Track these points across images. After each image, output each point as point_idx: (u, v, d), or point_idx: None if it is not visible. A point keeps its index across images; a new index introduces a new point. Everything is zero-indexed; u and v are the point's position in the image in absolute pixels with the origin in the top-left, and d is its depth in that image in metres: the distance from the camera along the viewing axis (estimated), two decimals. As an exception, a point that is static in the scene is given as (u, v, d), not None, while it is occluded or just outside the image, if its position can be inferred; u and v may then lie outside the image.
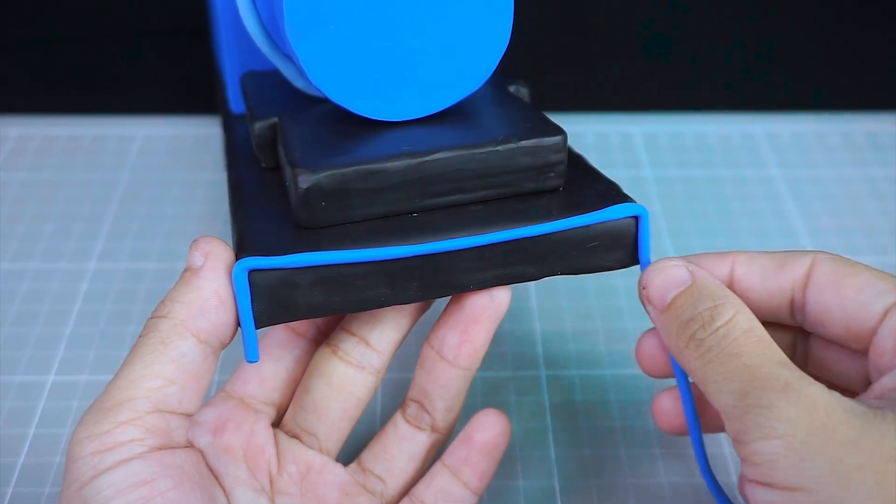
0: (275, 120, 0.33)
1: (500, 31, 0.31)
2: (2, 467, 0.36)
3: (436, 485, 0.33)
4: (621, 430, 0.37)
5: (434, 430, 0.33)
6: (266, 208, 0.31)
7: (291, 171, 0.29)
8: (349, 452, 0.35)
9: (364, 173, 0.29)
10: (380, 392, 0.39)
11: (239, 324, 0.29)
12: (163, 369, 0.27)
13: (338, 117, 0.32)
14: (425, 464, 0.34)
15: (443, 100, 0.32)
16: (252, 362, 0.29)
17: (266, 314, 0.29)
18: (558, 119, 0.32)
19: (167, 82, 0.56)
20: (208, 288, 0.28)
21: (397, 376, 0.39)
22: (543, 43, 0.55)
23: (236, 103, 0.43)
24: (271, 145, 0.33)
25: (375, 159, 0.29)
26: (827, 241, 0.47)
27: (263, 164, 0.34)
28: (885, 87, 0.56)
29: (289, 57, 0.33)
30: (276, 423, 0.34)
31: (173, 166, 0.51)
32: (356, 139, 0.30)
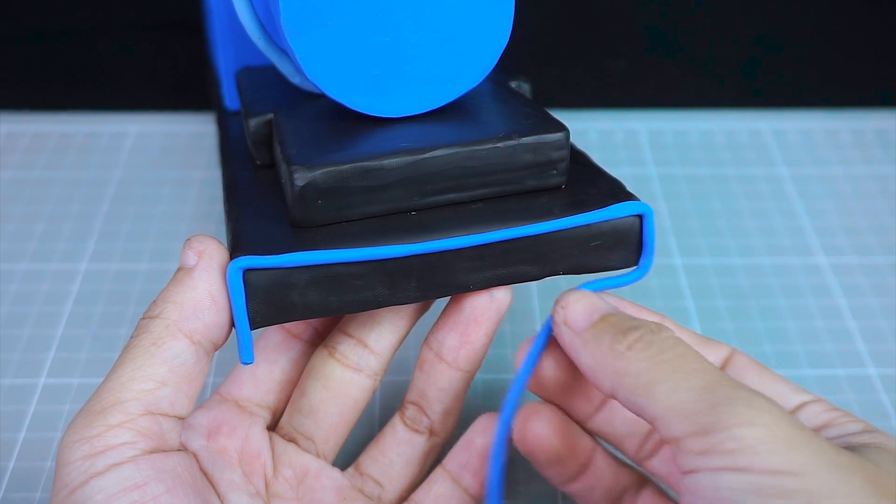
0: (270, 116, 0.33)
1: (500, 25, 0.31)
2: (-9, 472, 0.36)
3: (435, 490, 0.33)
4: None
5: (433, 434, 0.33)
6: (261, 207, 0.31)
7: (287, 168, 0.29)
8: (347, 456, 0.35)
9: (361, 171, 0.29)
10: (378, 395, 0.39)
11: (233, 325, 0.29)
12: (155, 371, 0.27)
13: (335, 114, 0.32)
14: (424, 468, 0.34)
15: (442, 96, 0.32)
16: (247, 364, 0.29)
17: (261, 315, 0.29)
18: (561, 116, 0.32)
19: (160, 78, 0.56)
20: (201, 288, 0.28)
21: (396, 379, 0.39)
22: (546, 37, 0.55)
23: (231, 99, 0.43)
24: (267, 142, 0.33)
25: (373, 156, 0.29)
26: (836, 241, 0.47)
27: (259, 162, 0.34)
28: (896, 83, 0.56)
29: (285, 52, 0.33)
30: (272, 427, 0.34)
31: (166, 164, 0.51)
32: (353, 136, 0.31)
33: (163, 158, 0.51)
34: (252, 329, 0.29)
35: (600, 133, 0.54)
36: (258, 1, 0.33)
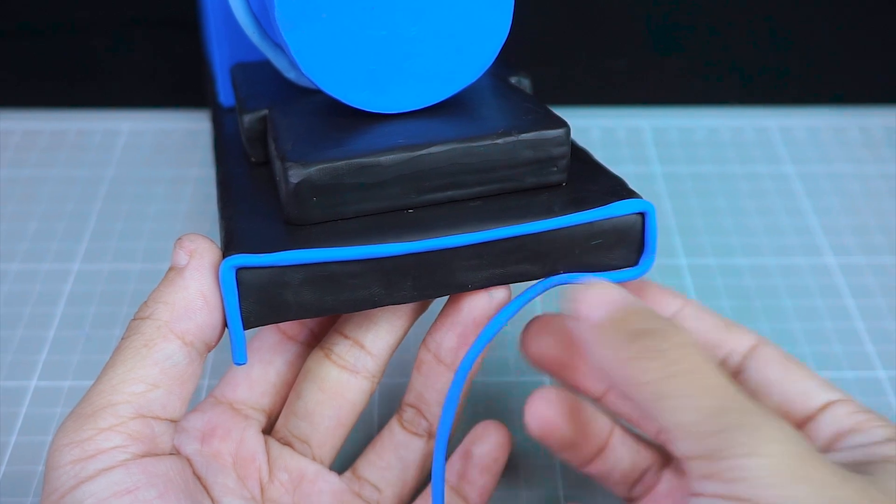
0: (265, 112, 0.33)
1: (500, 18, 0.30)
2: (-20, 476, 0.36)
3: None
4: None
5: (431, 437, 0.33)
6: (255, 204, 0.31)
7: (281, 164, 0.29)
8: (344, 460, 0.35)
9: (357, 167, 0.29)
10: (376, 398, 0.39)
11: (226, 325, 0.28)
12: (146, 373, 0.27)
13: (330, 109, 0.32)
14: (423, 471, 0.34)
15: (440, 91, 0.31)
16: (239, 364, 0.29)
17: (254, 314, 0.28)
18: (562, 112, 0.32)
19: (154, 74, 0.56)
20: (193, 287, 0.28)
21: (395, 381, 0.39)
22: (547, 31, 0.55)
23: (226, 96, 0.43)
24: (261, 139, 0.33)
25: (369, 153, 0.29)
26: (844, 241, 0.46)
27: (253, 159, 0.34)
28: (906, 80, 0.56)
29: (280, 47, 0.33)
30: (268, 430, 0.34)
31: (160, 162, 0.51)
32: (349, 132, 0.30)
33: (157, 156, 0.51)
34: (245, 329, 0.28)
35: (603, 131, 0.54)
36: (253, -5, 0.33)
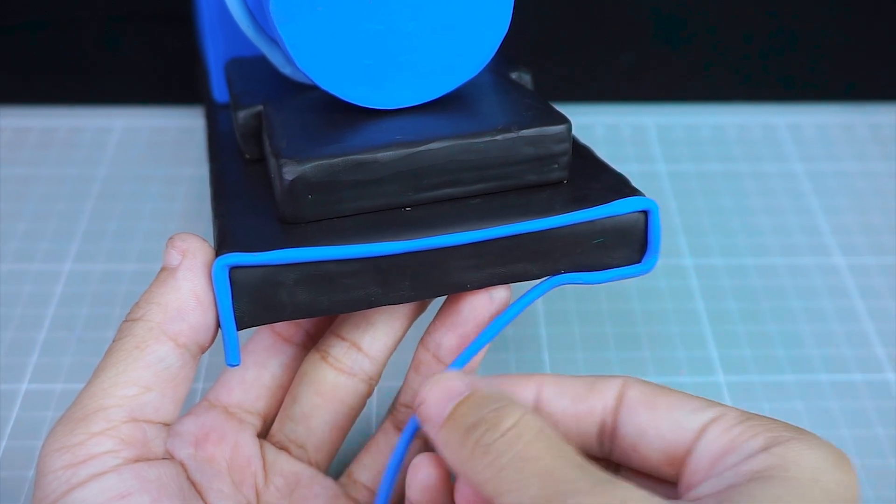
0: (260, 108, 0.33)
1: (500, 12, 0.30)
2: (-31, 481, 0.36)
3: None
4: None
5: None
6: (250, 202, 0.31)
7: (276, 161, 0.29)
8: (342, 463, 0.35)
9: (353, 164, 0.29)
10: (374, 401, 0.39)
11: (219, 325, 0.28)
12: (138, 376, 0.27)
13: (326, 105, 0.32)
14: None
15: (439, 87, 0.31)
16: (233, 366, 0.29)
17: (248, 314, 0.28)
18: (564, 109, 0.32)
19: (147, 70, 0.56)
20: (186, 288, 0.28)
21: (394, 384, 0.39)
22: (549, 25, 0.55)
23: (220, 92, 0.43)
24: (256, 135, 0.33)
25: (366, 149, 0.29)
26: (852, 240, 0.46)
27: (248, 156, 0.34)
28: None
29: (275, 41, 0.33)
30: (263, 434, 0.34)
31: (154, 160, 0.51)
32: (346, 128, 0.30)
33: (150, 154, 0.51)
34: (239, 329, 0.28)
35: (607, 128, 0.54)
36: (247, -12, 0.33)
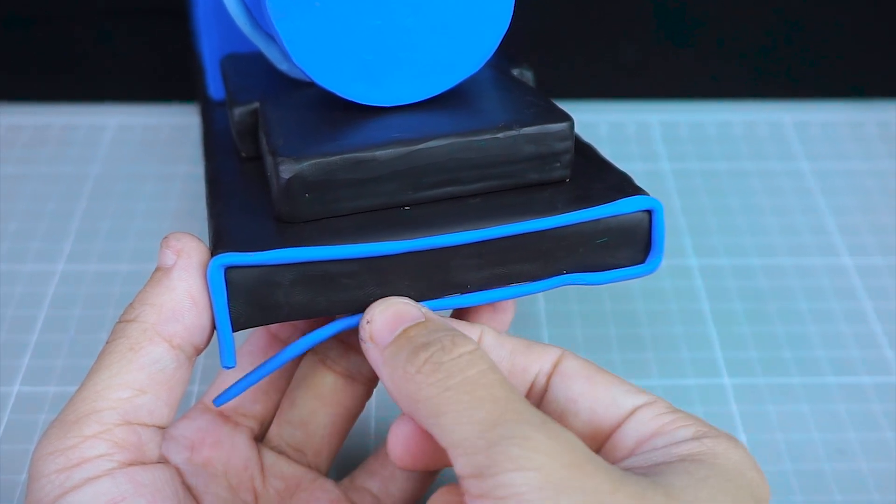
0: (256, 105, 0.33)
1: (501, 7, 0.30)
2: (-41, 486, 0.36)
3: None
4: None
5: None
6: (245, 201, 0.31)
7: (273, 159, 0.29)
8: (339, 467, 0.35)
9: (351, 162, 0.29)
10: (374, 403, 0.39)
11: (215, 327, 0.28)
12: (132, 378, 0.27)
13: (324, 102, 0.32)
14: (426, 483, 0.33)
15: (438, 83, 0.31)
16: (228, 368, 0.29)
17: (244, 315, 0.28)
18: (567, 107, 0.32)
19: (141, 67, 0.56)
20: (180, 288, 0.28)
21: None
22: (551, 21, 0.55)
23: (216, 89, 0.43)
24: (252, 133, 0.33)
25: (364, 147, 0.29)
26: (860, 240, 0.46)
27: (244, 154, 0.34)
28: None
29: (271, 37, 0.33)
30: (260, 437, 0.34)
31: (148, 159, 0.51)
32: (344, 126, 0.30)
33: (144, 152, 0.51)
34: (234, 331, 0.28)
35: (610, 126, 0.54)
36: (243, -17, 0.33)
